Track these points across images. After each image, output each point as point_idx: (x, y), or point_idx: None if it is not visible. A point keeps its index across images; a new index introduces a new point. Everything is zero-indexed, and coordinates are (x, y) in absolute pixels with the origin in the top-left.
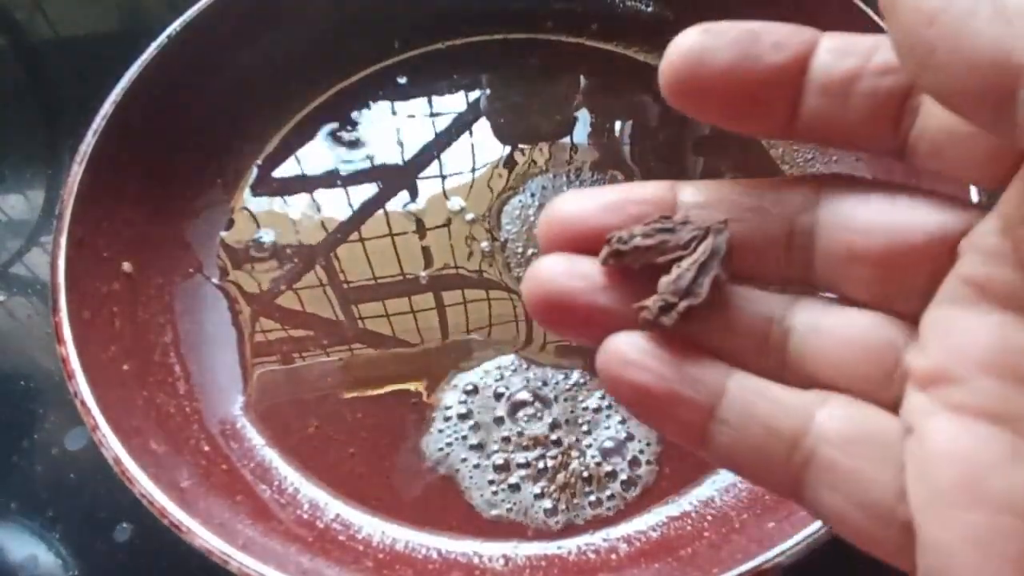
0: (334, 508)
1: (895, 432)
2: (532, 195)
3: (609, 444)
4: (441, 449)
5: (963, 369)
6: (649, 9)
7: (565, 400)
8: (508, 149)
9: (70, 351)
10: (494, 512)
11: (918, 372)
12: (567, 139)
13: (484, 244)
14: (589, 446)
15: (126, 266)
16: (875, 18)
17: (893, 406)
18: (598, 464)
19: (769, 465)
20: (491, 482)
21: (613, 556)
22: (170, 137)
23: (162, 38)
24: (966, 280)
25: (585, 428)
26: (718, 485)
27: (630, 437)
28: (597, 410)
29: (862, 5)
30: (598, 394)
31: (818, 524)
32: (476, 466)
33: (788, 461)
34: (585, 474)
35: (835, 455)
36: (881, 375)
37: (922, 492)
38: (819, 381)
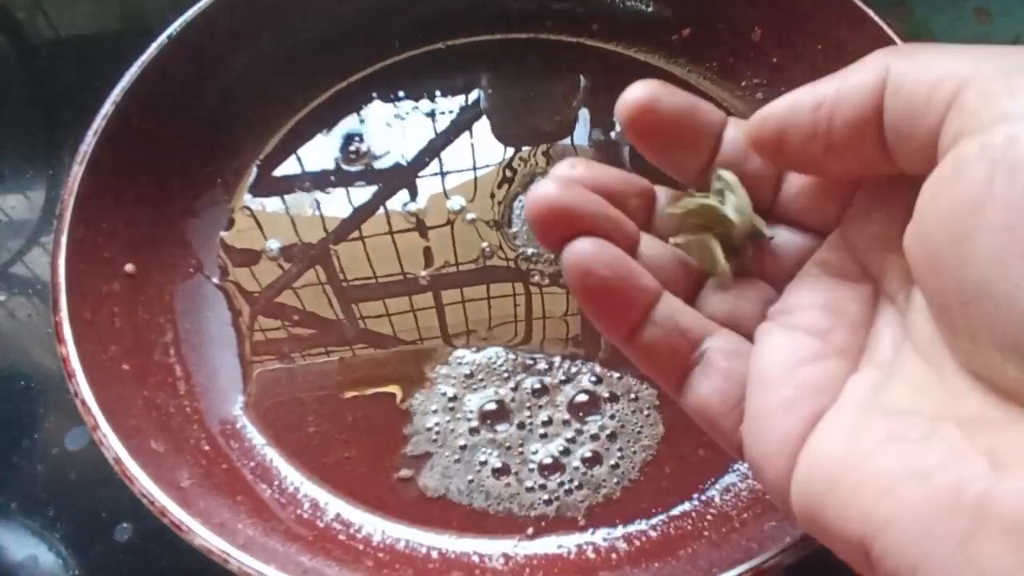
0: (334, 507)
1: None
2: None
3: (609, 442)
4: (441, 448)
5: (798, 305)
6: (649, 9)
7: (565, 397)
8: (509, 149)
9: (70, 351)
10: (494, 510)
11: (772, 309)
12: (567, 139)
13: (484, 244)
14: (589, 444)
15: (127, 266)
16: (872, 15)
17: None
18: (598, 462)
19: (674, 359)
20: (491, 481)
21: (613, 556)
22: (170, 137)
23: (162, 38)
24: (815, 261)
25: (585, 426)
26: (718, 485)
27: (630, 434)
28: (597, 408)
29: (860, 4)
30: (597, 391)
31: None
32: (476, 465)
33: (687, 358)
34: (585, 472)
35: (718, 358)
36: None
37: (753, 375)
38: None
